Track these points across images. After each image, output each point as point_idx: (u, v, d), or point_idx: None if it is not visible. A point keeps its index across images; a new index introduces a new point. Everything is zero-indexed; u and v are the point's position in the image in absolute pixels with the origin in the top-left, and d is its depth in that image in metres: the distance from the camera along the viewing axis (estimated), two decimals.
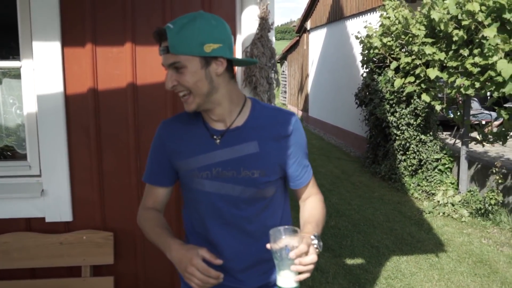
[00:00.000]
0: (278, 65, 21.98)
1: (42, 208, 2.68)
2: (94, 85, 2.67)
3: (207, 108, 1.52)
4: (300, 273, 1.34)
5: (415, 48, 6.63)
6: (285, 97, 21.16)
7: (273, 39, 2.55)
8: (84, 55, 2.65)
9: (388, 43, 7.44)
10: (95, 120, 2.69)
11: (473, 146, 7.43)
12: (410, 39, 6.84)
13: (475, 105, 9.94)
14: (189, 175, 1.57)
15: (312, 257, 1.34)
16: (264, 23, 2.47)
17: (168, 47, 1.41)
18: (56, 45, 2.60)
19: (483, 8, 5.61)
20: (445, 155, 7.33)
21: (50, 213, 2.69)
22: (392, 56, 7.56)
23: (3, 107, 2.89)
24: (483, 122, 9.16)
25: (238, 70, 2.65)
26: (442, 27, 5.98)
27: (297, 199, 1.71)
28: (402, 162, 7.69)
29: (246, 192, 1.54)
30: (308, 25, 16.18)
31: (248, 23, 2.56)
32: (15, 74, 2.78)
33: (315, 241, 1.42)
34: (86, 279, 2.69)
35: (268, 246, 1.37)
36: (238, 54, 2.68)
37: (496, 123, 7.98)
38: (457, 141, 7.92)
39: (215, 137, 1.54)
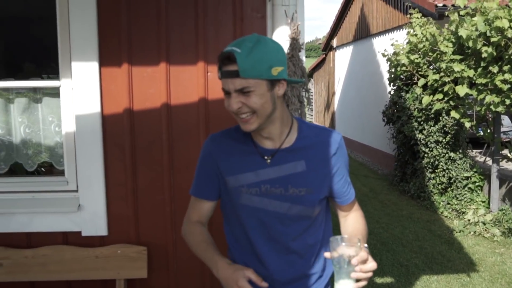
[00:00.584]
0: None
1: (79, 222, 2.77)
2: (130, 104, 2.76)
3: (263, 127, 1.54)
4: (357, 281, 1.38)
5: (443, 65, 6.58)
6: (312, 115, 21.14)
7: (304, 58, 2.59)
8: (120, 75, 2.75)
9: (416, 60, 7.40)
10: (130, 138, 2.78)
11: (504, 164, 7.29)
12: (438, 56, 6.80)
13: (505, 122, 9.76)
14: (237, 191, 1.60)
15: (372, 264, 1.39)
16: (295, 43, 2.52)
17: (238, 71, 1.39)
18: (94, 65, 2.71)
19: None
20: (475, 173, 7.20)
21: (86, 228, 2.78)
22: (419, 73, 7.52)
23: (42, 124, 3.01)
24: None
25: None
26: (470, 44, 5.94)
27: (338, 215, 1.75)
28: (431, 180, 7.58)
29: (292, 209, 1.58)
30: (334, 42, 16.23)
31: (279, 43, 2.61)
32: (55, 93, 2.90)
33: None
34: None
35: (327, 254, 1.42)
36: None
37: None
38: (488, 158, 7.79)
39: (265, 157, 1.58)
